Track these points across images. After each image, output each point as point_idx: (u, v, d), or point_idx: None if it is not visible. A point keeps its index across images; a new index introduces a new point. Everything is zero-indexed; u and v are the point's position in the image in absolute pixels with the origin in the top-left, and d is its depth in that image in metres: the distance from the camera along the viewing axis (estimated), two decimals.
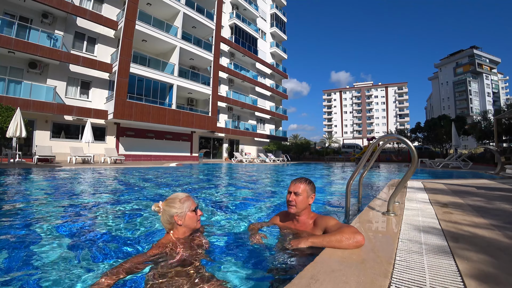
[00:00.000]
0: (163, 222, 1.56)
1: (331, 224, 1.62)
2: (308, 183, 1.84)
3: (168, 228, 1.56)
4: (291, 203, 1.78)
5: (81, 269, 1.46)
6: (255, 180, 7.50)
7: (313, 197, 1.84)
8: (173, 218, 1.52)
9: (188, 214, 1.54)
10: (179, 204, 1.53)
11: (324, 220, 1.71)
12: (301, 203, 1.77)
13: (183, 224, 1.54)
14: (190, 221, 1.55)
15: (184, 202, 1.55)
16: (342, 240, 1.37)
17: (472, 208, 2.53)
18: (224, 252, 1.71)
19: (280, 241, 1.78)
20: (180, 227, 1.54)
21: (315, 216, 1.84)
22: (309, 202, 1.82)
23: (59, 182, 5.74)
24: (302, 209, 1.80)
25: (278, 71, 31.28)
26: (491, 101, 60.99)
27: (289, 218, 1.93)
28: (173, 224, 1.54)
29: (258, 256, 1.65)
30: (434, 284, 0.98)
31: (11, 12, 13.07)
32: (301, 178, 1.88)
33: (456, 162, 12.15)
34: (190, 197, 1.61)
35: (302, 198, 1.77)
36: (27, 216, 2.66)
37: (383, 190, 3.88)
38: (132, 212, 2.96)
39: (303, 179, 1.86)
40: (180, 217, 1.52)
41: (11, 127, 9.65)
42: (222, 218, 2.76)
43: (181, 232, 1.56)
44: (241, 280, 1.36)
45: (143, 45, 17.58)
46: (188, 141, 20.89)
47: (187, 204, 1.55)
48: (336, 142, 47.37)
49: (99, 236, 2.09)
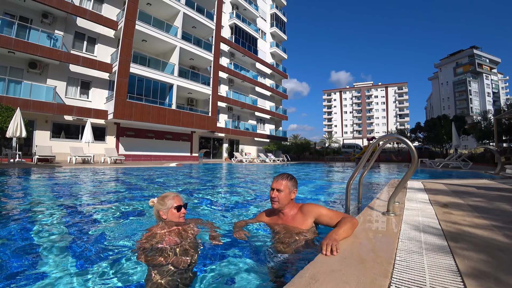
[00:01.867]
0: (154, 215, 1.91)
1: (325, 212, 1.80)
2: (290, 179, 1.91)
3: (159, 220, 1.89)
4: (274, 199, 1.87)
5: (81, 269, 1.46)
6: (255, 180, 7.50)
7: (295, 192, 1.92)
8: (159, 212, 1.84)
9: (171, 211, 1.83)
10: (164, 201, 1.84)
11: (314, 208, 1.85)
12: (283, 199, 1.85)
13: (167, 219, 1.84)
14: (172, 217, 1.84)
15: (169, 200, 1.84)
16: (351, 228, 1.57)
17: (472, 208, 2.53)
18: (223, 252, 1.71)
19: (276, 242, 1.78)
20: (166, 221, 1.84)
21: (298, 205, 1.95)
22: (291, 197, 1.90)
23: (59, 182, 5.74)
24: (285, 204, 1.88)
25: (278, 71, 31.29)
26: (491, 101, 60.97)
27: (275, 213, 2.01)
28: (160, 217, 1.86)
29: (258, 256, 1.65)
30: (434, 284, 0.98)
31: (11, 12, 13.07)
32: (283, 174, 1.95)
33: (456, 162, 12.14)
34: (178, 196, 1.90)
35: (285, 194, 1.85)
36: (27, 216, 2.66)
37: (383, 190, 3.88)
38: (132, 211, 2.96)
39: (284, 175, 1.92)
40: (164, 213, 1.83)
41: (11, 127, 9.65)
42: (223, 218, 2.76)
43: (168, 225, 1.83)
44: (241, 280, 1.36)
45: (143, 45, 17.58)
46: (188, 141, 20.89)
47: (171, 202, 1.84)
48: (336, 142, 47.38)
49: (99, 235, 2.08)
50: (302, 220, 1.84)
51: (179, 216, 1.85)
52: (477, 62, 61.38)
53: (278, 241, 1.77)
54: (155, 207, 1.87)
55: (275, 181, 1.90)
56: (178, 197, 1.89)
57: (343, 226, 1.55)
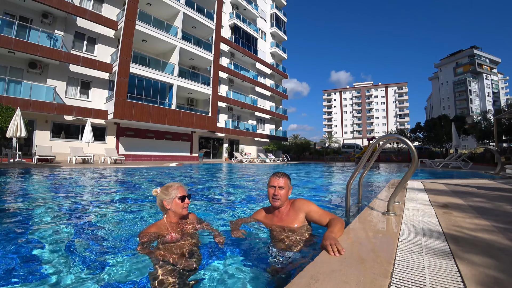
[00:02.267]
0: (158, 205, 1.88)
1: (314, 208, 1.88)
2: (287, 176, 2.01)
3: (162, 211, 1.88)
4: (276, 197, 1.92)
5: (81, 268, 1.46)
6: (255, 180, 7.50)
7: (291, 189, 2.03)
8: (162, 202, 1.83)
9: (175, 201, 1.82)
10: (168, 191, 1.83)
11: (305, 204, 1.93)
12: (284, 196, 1.94)
13: (171, 209, 1.83)
14: (176, 207, 1.83)
15: (173, 190, 1.84)
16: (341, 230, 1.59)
17: (472, 208, 2.53)
18: (223, 251, 1.71)
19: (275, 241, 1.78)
20: (169, 211, 1.84)
21: (290, 201, 2.02)
22: (289, 194, 2.00)
23: (59, 182, 5.74)
24: (284, 201, 1.96)
25: (278, 71, 31.28)
26: (491, 101, 60.95)
27: (270, 211, 2.08)
28: (163, 207, 1.85)
29: (258, 256, 1.65)
30: (434, 284, 0.98)
31: (11, 12, 13.07)
32: (281, 172, 2.02)
33: (456, 162, 12.14)
34: (182, 186, 1.89)
35: (285, 192, 1.94)
36: (26, 216, 2.66)
37: (383, 190, 3.88)
38: (132, 211, 2.96)
39: (282, 174, 2.01)
40: (168, 203, 1.82)
41: (11, 127, 9.65)
42: (222, 218, 2.76)
43: (172, 215, 1.85)
44: (241, 279, 1.36)
45: (143, 45, 17.58)
46: (188, 141, 20.89)
47: (175, 192, 1.83)
48: (336, 142, 47.37)
49: (98, 235, 2.09)
50: (294, 216, 1.91)
51: (182, 207, 1.84)
52: (477, 62, 61.37)
53: (275, 239, 1.80)
54: (158, 197, 1.85)
55: (275, 179, 1.96)
56: (182, 188, 1.88)
57: (337, 225, 1.59)
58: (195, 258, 1.54)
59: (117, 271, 1.42)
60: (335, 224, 1.61)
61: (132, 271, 1.42)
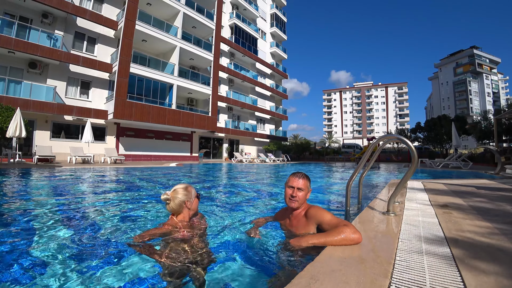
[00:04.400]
0: (173, 207, 1.80)
1: (327, 220, 1.62)
2: (307, 178, 1.90)
3: (178, 212, 1.83)
4: (294, 199, 1.80)
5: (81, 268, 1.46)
6: (255, 179, 7.50)
7: (310, 191, 1.90)
8: (185, 203, 1.81)
9: (195, 200, 1.87)
10: (188, 191, 1.83)
11: (318, 213, 1.71)
12: (302, 198, 1.81)
13: (191, 208, 1.84)
14: (195, 206, 1.89)
15: (191, 190, 1.86)
16: (342, 241, 1.41)
17: (472, 209, 2.53)
18: (223, 251, 1.71)
19: (280, 242, 1.79)
20: (188, 211, 1.84)
21: (306, 207, 1.85)
22: (307, 197, 1.87)
23: (59, 182, 5.74)
24: (302, 203, 1.83)
25: (278, 71, 31.28)
26: (491, 101, 60.95)
27: (286, 213, 1.98)
28: (183, 208, 1.83)
29: (258, 256, 1.65)
30: (434, 284, 0.98)
31: (11, 12, 13.07)
32: (300, 173, 1.90)
33: (456, 162, 12.14)
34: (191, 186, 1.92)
35: (304, 194, 1.81)
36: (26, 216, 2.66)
37: (383, 190, 3.88)
38: (132, 211, 2.96)
39: (302, 174, 1.88)
40: (190, 202, 1.83)
41: (11, 127, 9.65)
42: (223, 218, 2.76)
43: (186, 215, 1.84)
44: (241, 279, 1.36)
45: (143, 45, 17.58)
46: (188, 141, 20.89)
47: (194, 191, 1.87)
48: (336, 142, 47.39)
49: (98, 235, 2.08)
50: (305, 224, 1.76)
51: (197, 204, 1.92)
52: (477, 62, 61.37)
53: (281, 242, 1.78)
54: (179, 199, 1.78)
55: (294, 179, 1.83)
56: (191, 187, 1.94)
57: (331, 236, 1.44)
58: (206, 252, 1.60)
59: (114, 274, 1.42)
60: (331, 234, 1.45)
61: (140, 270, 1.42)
